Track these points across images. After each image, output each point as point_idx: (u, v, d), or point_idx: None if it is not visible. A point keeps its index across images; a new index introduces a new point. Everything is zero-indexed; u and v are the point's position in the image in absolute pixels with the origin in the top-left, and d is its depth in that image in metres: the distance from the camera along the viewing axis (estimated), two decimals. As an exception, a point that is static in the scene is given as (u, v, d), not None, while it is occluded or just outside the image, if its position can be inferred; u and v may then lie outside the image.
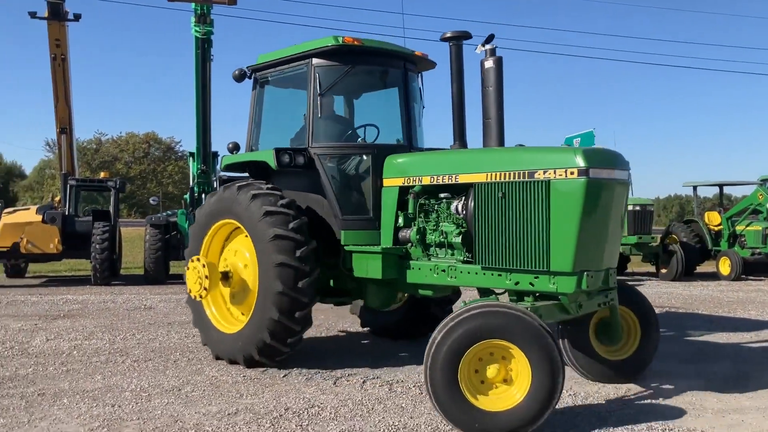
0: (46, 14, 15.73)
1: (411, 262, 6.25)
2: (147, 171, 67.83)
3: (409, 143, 7.07)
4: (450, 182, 5.93)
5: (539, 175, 5.15)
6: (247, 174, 7.44)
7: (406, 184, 6.32)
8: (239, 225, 6.70)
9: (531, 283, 5.27)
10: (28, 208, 16.04)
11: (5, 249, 14.12)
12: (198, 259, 6.77)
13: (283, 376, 6.30)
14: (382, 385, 6.04)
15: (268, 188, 6.60)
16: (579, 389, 5.93)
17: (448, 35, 6.19)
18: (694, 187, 19.93)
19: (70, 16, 16.16)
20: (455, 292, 7.31)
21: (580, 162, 4.98)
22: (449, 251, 6.06)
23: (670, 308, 11.71)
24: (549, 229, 5.10)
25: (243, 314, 6.73)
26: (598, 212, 5.09)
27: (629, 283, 13.70)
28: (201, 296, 6.68)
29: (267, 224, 6.32)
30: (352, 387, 5.96)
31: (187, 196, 15.12)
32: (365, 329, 8.62)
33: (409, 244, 6.33)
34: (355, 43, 6.76)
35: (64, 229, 14.61)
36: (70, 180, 15.85)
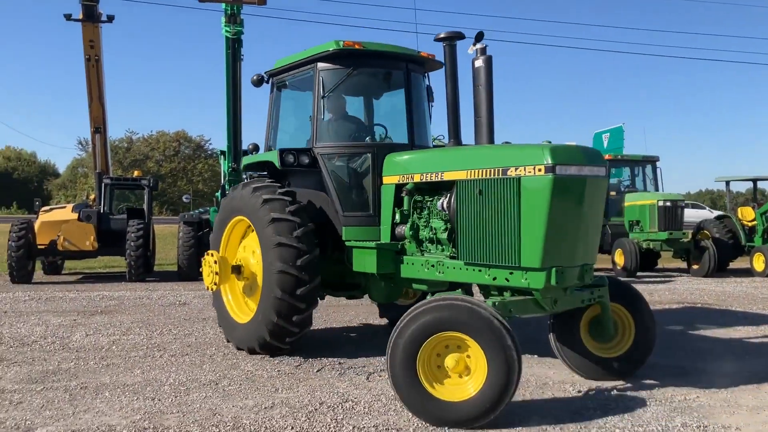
0: (80, 16, 16.05)
1: (405, 257, 6.49)
2: (177, 169, 68.71)
3: (411, 142, 7.23)
4: (437, 179, 6.12)
5: (511, 173, 5.29)
6: (266, 173, 7.71)
7: (401, 181, 6.56)
8: (251, 223, 7.04)
9: (506, 279, 5.44)
10: (65, 207, 16.39)
11: (43, 246, 14.45)
12: (211, 254, 7.31)
13: (317, 371, 6.41)
14: (415, 380, 6.10)
15: (280, 192, 6.83)
16: (608, 384, 5.94)
17: (442, 36, 6.33)
18: (727, 182, 19.63)
19: (104, 18, 16.48)
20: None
21: (547, 159, 5.08)
22: (439, 247, 6.27)
23: (704, 305, 11.60)
24: (520, 225, 5.24)
25: (254, 305, 7.06)
26: (567, 209, 5.18)
27: (659, 279, 13.58)
28: (212, 288, 7.27)
29: (272, 230, 6.61)
30: (384, 383, 6.03)
31: (218, 194, 15.35)
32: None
33: (405, 240, 6.56)
34: (356, 46, 7.03)
35: (99, 227, 14.92)
36: (104, 179, 16.17)
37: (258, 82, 7.91)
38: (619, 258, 17.34)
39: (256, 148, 8.48)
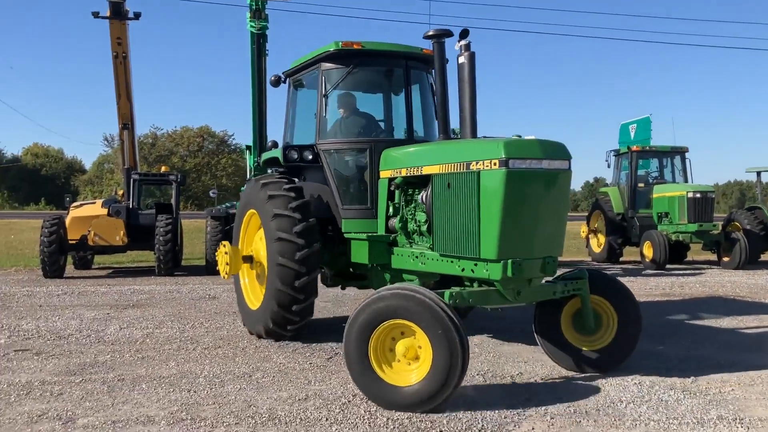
0: (108, 14, 16.20)
1: (396, 248, 6.76)
2: (201, 164, 69.35)
3: (410, 137, 7.49)
4: (417, 174, 6.34)
5: (473, 167, 5.45)
6: (283, 169, 8.00)
7: (392, 176, 6.78)
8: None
9: (472, 270, 5.62)
10: (94, 202, 16.61)
11: (74, 241, 14.67)
12: (224, 245, 7.83)
13: (348, 364, 6.45)
14: (446, 372, 6.12)
15: (285, 188, 7.16)
16: (642, 378, 5.91)
17: (430, 33, 6.40)
18: (758, 173, 19.32)
19: (131, 15, 16.61)
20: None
21: (501, 153, 5.20)
22: (422, 238, 6.48)
23: (736, 297, 11.46)
24: (479, 217, 5.40)
25: (262, 294, 7.45)
26: (522, 202, 5.27)
27: (689, 272, 13.45)
28: (225, 276, 7.84)
29: (274, 225, 6.98)
30: (416, 374, 6.06)
31: (243, 189, 15.44)
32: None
33: (397, 232, 6.79)
34: (354, 46, 7.36)
35: (128, 222, 15.11)
36: (133, 174, 16.35)
37: (276, 83, 8.36)
38: (648, 250, 17.18)
39: (275, 145, 8.91)
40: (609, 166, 20.31)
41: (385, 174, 6.93)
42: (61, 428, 4.58)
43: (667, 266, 16.95)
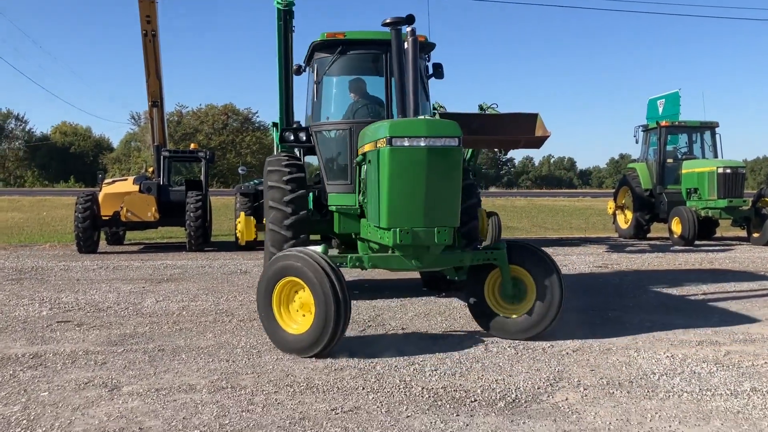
0: (137, -8, 16.30)
1: (363, 220, 7.33)
2: (226, 142, 69.76)
3: (388, 118, 7.83)
4: (362, 152, 6.83)
5: (378, 145, 6.03)
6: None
7: (359, 153, 7.22)
8: None
9: (380, 237, 6.33)
10: (126, 179, 16.87)
11: (107, 217, 14.95)
12: (241, 216, 9.52)
13: (382, 335, 6.58)
14: (478, 345, 6.22)
15: (283, 164, 8.18)
16: (675, 351, 5.94)
17: (388, 21, 6.61)
18: (790, 148, 18.97)
19: (159, -7, 16.70)
20: None
21: (387, 133, 5.85)
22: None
23: (766, 272, 11.37)
24: (378, 190, 6.07)
25: None
26: (406, 176, 5.85)
27: (718, 248, 13.34)
28: (242, 242, 9.44)
29: (269, 195, 8.05)
30: (449, 346, 6.16)
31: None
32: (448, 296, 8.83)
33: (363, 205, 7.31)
34: (337, 36, 8.05)
35: (159, 199, 15.35)
36: (163, 151, 16.56)
37: (297, 71, 9.18)
38: (676, 226, 17.04)
39: (299, 125, 9.37)
40: (637, 142, 20.09)
41: (359, 152, 7.26)
42: (108, 395, 4.75)
43: (696, 242, 16.81)
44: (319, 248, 6.07)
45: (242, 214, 9.15)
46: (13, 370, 5.34)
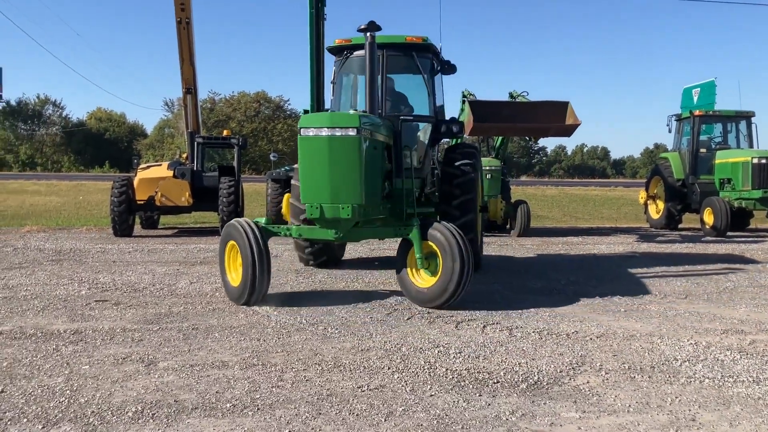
0: (171, -20, 16.53)
1: None
2: (258, 129, 70.24)
3: (371, 111, 8.31)
4: None
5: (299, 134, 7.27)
6: None
7: None
8: None
9: (311, 213, 7.36)
10: (160, 164, 17.22)
11: (142, 202, 15.33)
12: (286, 197, 11.04)
13: (407, 319, 6.72)
14: (502, 330, 6.32)
15: None
16: (699, 338, 5.97)
17: (363, 27, 7.80)
18: (828, 139, 18.59)
19: (194, -19, 16.92)
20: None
21: (299, 124, 7.23)
22: None
23: (798, 264, 11.25)
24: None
25: None
26: (313, 160, 7.17)
27: (751, 239, 13.19)
28: (287, 218, 10.27)
29: (294, 175, 9.19)
30: (473, 330, 6.28)
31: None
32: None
33: None
34: (343, 42, 9.42)
35: (193, 184, 15.68)
36: (196, 138, 16.87)
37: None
38: (708, 217, 16.88)
39: (327, 111, 9.95)
40: (670, 131, 19.89)
41: None
42: (145, 369, 4.96)
43: (728, 233, 16.62)
44: (262, 219, 7.71)
45: (287, 195, 10.23)
46: (56, 345, 5.60)
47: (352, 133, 7.06)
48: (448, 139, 10.70)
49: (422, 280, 7.41)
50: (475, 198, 9.55)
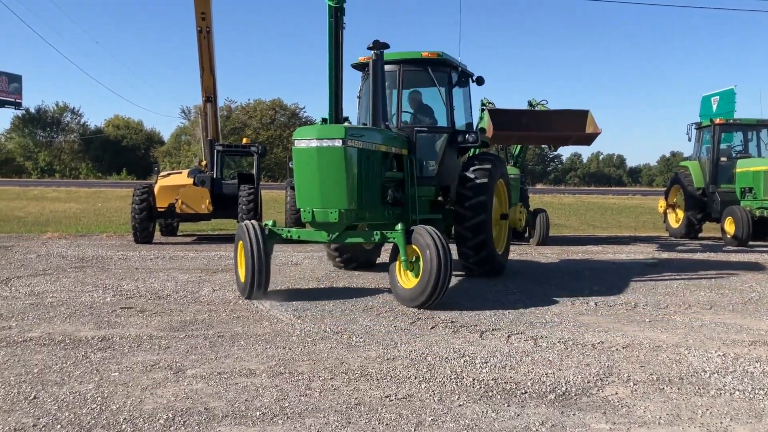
0: (192, -11, 16.69)
1: None
2: (274, 136, 70.65)
3: (375, 123, 8.85)
4: None
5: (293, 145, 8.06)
6: None
7: None
8: None
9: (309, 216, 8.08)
10: (180, 172, 17.33)
11: (162, 209, 15.43)
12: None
13: (431, 328, 6.72)
14: (527, 340, 6.30)
15: None
16: (727, 350, 5.92)
17: (370, 46, 8.54)
18: None
19: (214, -9, 17.07)
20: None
21: (294, 136, 7.98)
22: None
23: (823, 275, 11.12)
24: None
25: None
26: (302, 169, 7.95)
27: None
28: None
29: None
30: (498, 340, 6.27)
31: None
32: (504, 288, 8.90)
33: None
34: (366, 60, 9.49)
35: (212, 191, 15.77)
36: (216, 146, 16.98)
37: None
38: (729, 226, 16.73)
39: (346, 119, 10.04)
40: (690, 140, 19.75)
41: None
42: (173, 377, 5.00)
43: (750, 243, 16.46)
44: (270, 222, 8.44)
45: None
46: (85, 351, 5.66)
47: (337, 143, 7.70)
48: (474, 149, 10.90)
49: (407, 281, 7.85)
50: (487, 201, 9.77)
